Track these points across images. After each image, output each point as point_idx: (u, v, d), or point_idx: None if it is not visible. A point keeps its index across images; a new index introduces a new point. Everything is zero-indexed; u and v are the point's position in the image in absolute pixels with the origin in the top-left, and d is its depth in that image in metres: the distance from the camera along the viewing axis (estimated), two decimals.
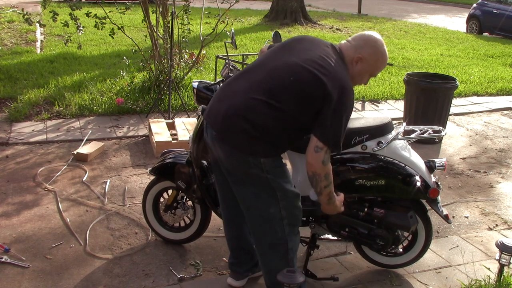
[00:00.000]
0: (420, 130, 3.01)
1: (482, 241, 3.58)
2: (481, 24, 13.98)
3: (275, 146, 2.38)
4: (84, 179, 4.23)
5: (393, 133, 2.85)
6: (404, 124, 3.00)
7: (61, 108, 5.77)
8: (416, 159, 2.87)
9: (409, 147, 2.93)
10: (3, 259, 3.06)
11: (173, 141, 4.75)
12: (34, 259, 3.12)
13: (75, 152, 4.62)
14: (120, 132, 5.29)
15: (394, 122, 2.98)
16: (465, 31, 14.28)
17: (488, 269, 3.12)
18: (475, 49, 11.04)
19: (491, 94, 7.61)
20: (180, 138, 4.82)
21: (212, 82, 3.06)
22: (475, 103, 7.12)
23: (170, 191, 3.28)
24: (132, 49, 6.47)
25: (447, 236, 3.63)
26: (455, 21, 16.64)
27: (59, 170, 4.34)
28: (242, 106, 2.31)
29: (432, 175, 2.90)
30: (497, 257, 2.85)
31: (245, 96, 2.32)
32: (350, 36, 12.33)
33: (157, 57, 6.28)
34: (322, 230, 3.00)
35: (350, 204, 2.89)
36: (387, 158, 2.80)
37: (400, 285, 3.02)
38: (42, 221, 3.56)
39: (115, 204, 3.85)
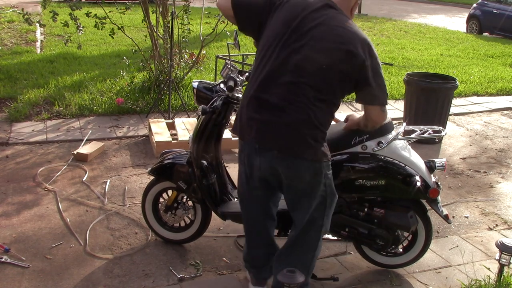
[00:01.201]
0: (420, 130, 3.00)
1: (482, 241, 3.58)
2: (481, 24, 13.98)
3: (325, 142, 2.40)
4: (84, 179, 4.23)
5: (393, 133, 2.85)
6: (404, 124, 3.00)
7: (61, 108, 5.77)
8: (416, 159, 2.87)
9: (409, 147, 2.93)
10: (3, 259, 3.06)
11: (173, 141, 4.75)
12: (34, 259, 3.12)
13: (75, 152, 4.62)
14: (120, 132, 5.29)
15: (394, 122, 2.98)
16: (465, 31, 14.28)
17: (488, 269, 3.12)
18: (475, 49, 11.04)
19: (491, 94, 7.61)
20: (180, 138, 4.82)
21: (213, 82, 3.06)
22: (475, 103, 7.12)
23: (170, 192, 3.28)
24: (132, 49, 6.47)
25: (447, 236, 3.63)
26: (455, 21, 16.64)
27: (59, 170, 4.34)
28: (297, 113, 2.25)
29: (432, 175, 2.90)
30: (497, 257, 2.85)
31: (291, 101, 2.26)
32: None
33: (157, 57, 6.28)
34: None
35: (350, 204, 2.89)
36: (387, 158, 2.80)
37: (400, 285, 3.02)
38: (42, 221, 3.56)
39: (115, 204, 3.85)
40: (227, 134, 4.95)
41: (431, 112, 5.29)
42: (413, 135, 2.97)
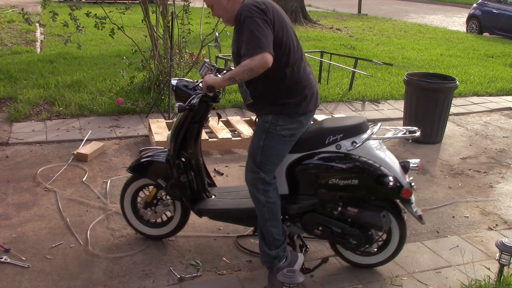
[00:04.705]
0: (395, 130, 3.02)
1: (482, 241, 3.58)
2: (481, 24, 13.98)
3: None
4: (84, 179, 4.23)
5: (368, 132, 2.86)
6: (379, 124, 3.01)
7: (61, 108, 5.77)
8: (390, 159, 2.88)
9: (384, 147, 2.94)
10: (3, 259, 3.06)
11: None
12: (34, 259, 3.12)
13: (75, 152, 4.62)
14: (120, 132, 5.29)
15: (369, 123, 3.00)
16: (465, 31, 14.29)
17: (488, 269, 3.12)
18: (475, 49, 11.04)
19: (491, 94, 7.60)
20: None
21: (193, 81, 3.08)
22: (475, 103, 7.12)
23: (150, 188, 3.30)
24: (132, 49, 6.48)
25: (447, 236, 3.63)
26: (455, 21, 16.65)
27: (59, 170, 4.34)
28: None
29: (406, 176, 2.91)
30: (497, 257, 2.85)
31: None
32: (350, 36, 12.21)
33: (157, 57, 6.28)
34: (297, 228, 3.01)
35: (323, 203, 2.89)
36: (361, 158, 2.81)
37: (400, 285, 3.02)
38: (42, 221, 3.56)
39: (115, 204, 3.85)
40: (227, 134, 4.96)
41: (431, 112, 5.29)
42: (387, 135, 2.99)
